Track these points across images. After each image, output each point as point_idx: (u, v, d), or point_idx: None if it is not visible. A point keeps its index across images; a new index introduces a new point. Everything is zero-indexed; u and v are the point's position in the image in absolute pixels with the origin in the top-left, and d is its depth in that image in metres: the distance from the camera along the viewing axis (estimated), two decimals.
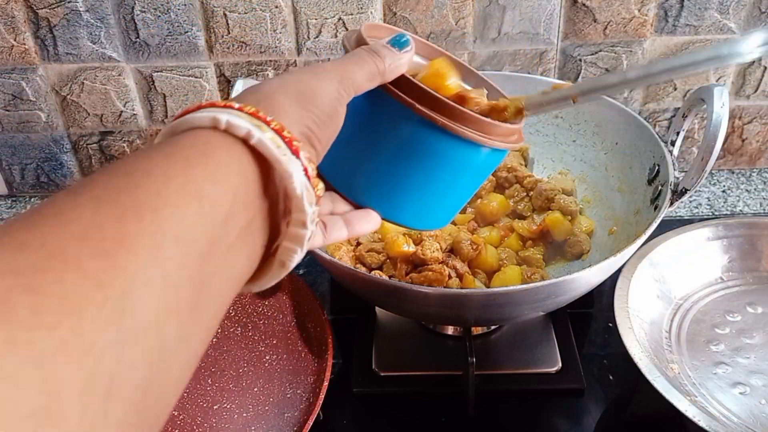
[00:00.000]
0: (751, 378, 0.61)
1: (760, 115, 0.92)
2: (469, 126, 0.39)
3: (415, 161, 0.40)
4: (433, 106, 0.39)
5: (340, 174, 0.42)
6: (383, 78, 0.39)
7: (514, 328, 0.72)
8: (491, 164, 0.43)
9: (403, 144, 0.40)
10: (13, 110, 0.92)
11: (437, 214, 0.45)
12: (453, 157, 0.41)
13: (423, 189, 0.42)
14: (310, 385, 0.65)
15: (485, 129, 0.40)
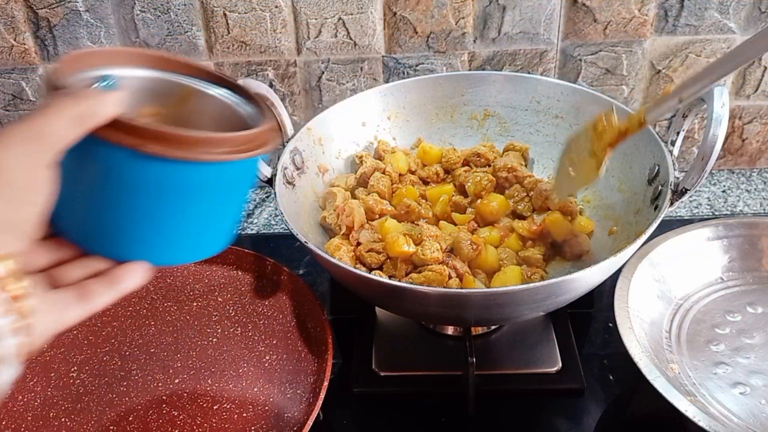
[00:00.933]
0: (751, 378, 0.61)
1: (760, 115, 0.92)
2: (198, 148, 0.36)
3: (160, 200, 0.38)
4: (151, 139, 0.35)
5: (86, 235, 0.39)
6: (89, 124, 0.34)
7: (514, 328, 0.72)
8: (243, 175, 0.41)
9: (138, 186, 0.37)
10: (13, 110, 0.92)
11: (210, 240, 0.42)
12: (195, 184, 0.38)
13: (179, 224, 0.39)
14: (310, 385, 0.65)
15: (217, 144, 0.37)
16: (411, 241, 0.67)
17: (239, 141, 0.39)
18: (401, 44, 0.87)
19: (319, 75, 0.89)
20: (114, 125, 0.35)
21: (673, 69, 0.88)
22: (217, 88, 0.46)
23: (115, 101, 0.35)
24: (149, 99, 0.44)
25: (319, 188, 0.77)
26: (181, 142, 0.36)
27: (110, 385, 0.66)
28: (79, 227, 0.39)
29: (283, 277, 0.76)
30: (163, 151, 0.35)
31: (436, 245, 0.66)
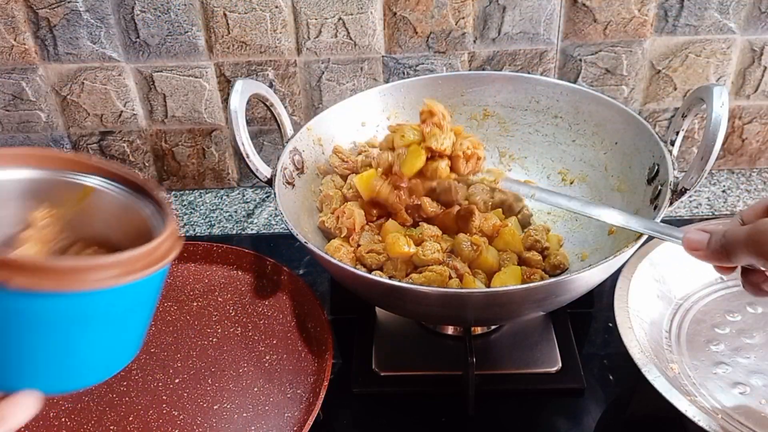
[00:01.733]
0: (751, 378, 0.61)
1: (760, 115, 0.92)
2: (75, 277, 0.33)
3: (48, 333, 0.35)
4: (21, 272, 0.32)
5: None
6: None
7: (514, 328, 0.72)
8: (141, 293, 0.38)
9: (12, 321, 0.34)
10: (13, 110, 0.92)
11: (111, 362, 0.40)
12: (84, 312, 0.35)
13: (77, 353, 0.36)
14: (310, 385, 0.65)
15: (99, 270, 0.34)
16: (411, 242, 0.67)
17: (131, 261, 0.35)
18: (401, 44, 0.87)
19: (319, 75, 0.89)
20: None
21: (673, 69, 0.88)
22: (115, 185, 0.43)
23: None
24: (42, 200, 0.42)
25: (319, 188, 0.77)
26: (51, 273, 0.33)
27: (110, 385, 0.66)
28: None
29: (283, 277, 0.76)
30: (35, 284, 0.32)
31: (436, 246, 0.66)
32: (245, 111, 0.68)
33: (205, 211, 0.96)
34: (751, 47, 0.86)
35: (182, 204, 0.98)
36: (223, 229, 0.93)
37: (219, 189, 1.00)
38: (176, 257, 0.38)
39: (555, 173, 0.81)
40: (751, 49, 0.87)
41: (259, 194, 0.99)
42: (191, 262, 0.80)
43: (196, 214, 0.96)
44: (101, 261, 0.34)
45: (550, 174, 0.81)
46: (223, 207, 0.97)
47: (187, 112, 0.92)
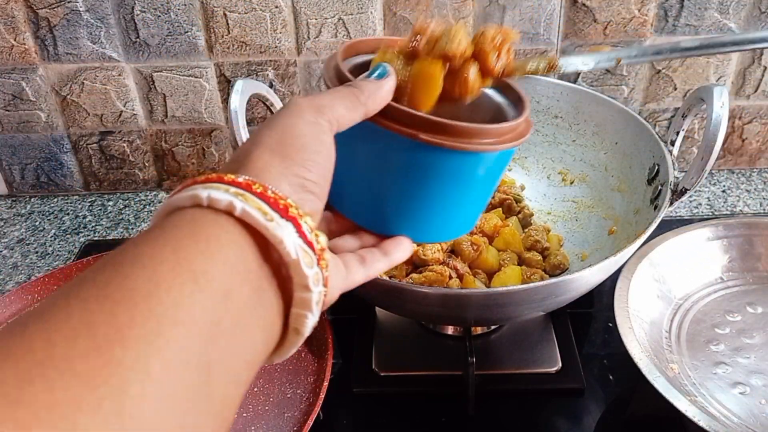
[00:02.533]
0: (751, 378, 0.61)
1: (760, 115, 0.92)
2: (469, 138, 0.39)
3: (428, 184, 0.40)
4: (427, 128, 0.38)
5: (359, 211, 0.42)
6: (366, 109, 0.37)
7: (514, 328, 0.72)
8: (502, 164, 0.43)
9: (409, 171, 0.40)
10: (13, 110, 0.92)
11: (463, 222, 0.45)
12: (462, 171, 0.40)
13: (443, 206, 0.42)
14: (310, 385, 0.65)
15: (486, 135, 0.39)
16: None
17: (501, 132, 0.40)
18: None
19: (319, 75, 0.89)
20: (387, 112, 0.38)
21: (673, 69, 0.88)
22: None
23: (387, 89, 0.38)
24: None
25: None
26: (451, 132, 0.38)
27: None
28: (350, 203, 0.42)
29: None
30: (435, 140, 0.37)
31: (436, 246, 0.66)
32: (245, 111, 0.68)
33: None
34: None
35: None
36: None
37: None
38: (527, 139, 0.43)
39: (555, 173, 0.81)
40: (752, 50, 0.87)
41: None
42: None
43: None
44: (485, 128, 0.39)
45: (551, 174, 0.81)
46: None
47: (187, 112, 0.92)
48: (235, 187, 0.30)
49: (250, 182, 0.30)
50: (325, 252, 0.32)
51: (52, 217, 0.97)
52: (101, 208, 0.98)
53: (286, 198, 0.31)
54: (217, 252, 0.28)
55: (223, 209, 0.29)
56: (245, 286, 0.28)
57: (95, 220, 0.96)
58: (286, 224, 0.30)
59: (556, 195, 0.80)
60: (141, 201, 0.99)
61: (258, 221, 0.29)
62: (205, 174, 0.31)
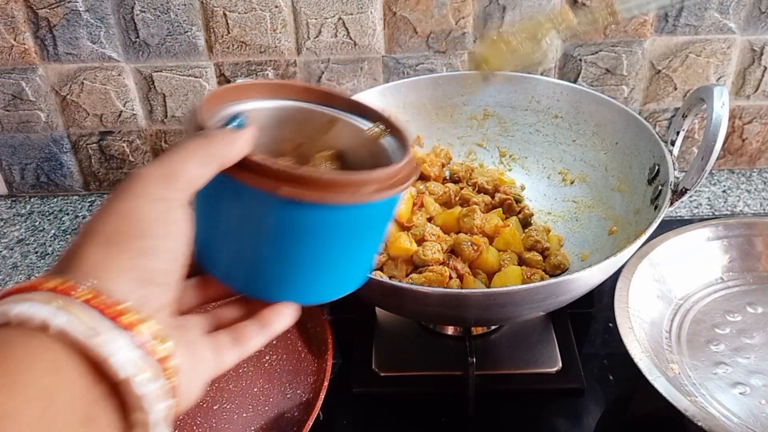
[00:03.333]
0: (751, 378, 0.61)
1: (760, 115, 0.92)
2: (335, 190, 0.34)
3: (300, 243, 0.36)
4: (288, 181, 0.34)
5: (232, 275, 0.38)
6: (220, 161, 0.33)
7: (514, 328, 0.72)
8: (383, 213, 0.39)
9: (278, 229, 0.36)
10: (13, 110, 0.92)
11: (352, 277, 0.42)
12: (334, 227, 0.37)
13: (322, 265, 0.38)
14: (310, 385, 0.65)
15: (356, 185, 0.35)
16: (413, 239, 0.67)
17: (380, 179, 0.36)
18: (401, 44, 0.87)
19: (319, 75, 0.89)
20: (249, 166, 0.34)
21: (673, 69, 0.88)
22: (359, 118, 0.44)
23: (244, 140, 0.34)
24: (289, 129, 0.43)
25: None
26: (316, 184, 0.34)
27: None
28: (222, 266, 0.38)
29: None
30: (299, 194, 0.34)
31: (437, 246, 0.66)
32: None
33: None
34: (751, 47, 0.86)
35: None
36: None
37: None
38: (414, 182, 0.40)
39: (555, 173, 0.81)
40: (751, 49, 0.87)
41: None
42: None
43: None
44: (361, 176, 0.35)
45: (551, 174, 0.81)
46: None
47: (187, 112, 0.92)
48: (57, 295, 0.26)
49: (72, 288, 0.26)
50: (170, 360, 0.28)
51: (52, 217, 0.97)
52: None
53: (119, 303, 0.27)
54: (29, 385, 0.24)
55: (36, 327, 0.25)
56: (71, 414, 0.25)
57: None
58: (117, 336, 0.26)
59: (556, 195, 0.80)
60: None
61: (77, 338, 0.25)
62: (32, 280, 0.27)
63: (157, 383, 0.27)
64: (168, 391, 0.28)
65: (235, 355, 0.36)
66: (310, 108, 0.44)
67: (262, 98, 0.42)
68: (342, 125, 0.44)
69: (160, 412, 0.27)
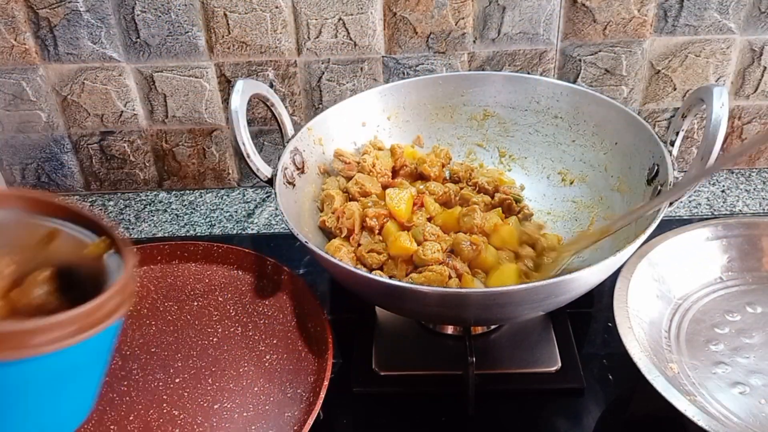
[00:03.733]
0: (750, 378, 0.61)
1: (759, 115, 0.92)
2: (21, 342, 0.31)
3: None
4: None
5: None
6: None
7: (514, 328, 0.72)
8: (92, 351, 0.35)
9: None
10: (13, 110, 0.92)
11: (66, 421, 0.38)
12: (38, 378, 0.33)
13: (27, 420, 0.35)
14: (310, 384, 0.65)
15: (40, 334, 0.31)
16: (413, 239, 0.67)
17: (73, 320, 0.32)
18: (401, 44, 0.87)
19: (319, 75, 0.89)
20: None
21: (673, 69, 0.88)
22: (84, 229, 0.41)
23: None
24: (6, 243, 0.40)
25: (320, 188, 0.77)
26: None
27: (111, 385, 0.66)
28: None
29: (283, 277, 0.76)
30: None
31: (437, 246, 0.66)
32: (246, 111, 0.68)
33: (205, 211, 0.96)
34: (751, 47, 0.87)
35: (183, 204, 0.98)
36: (223, 229, 0.93)
37: (219, 189, 1.00)
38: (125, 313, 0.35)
39: (555, 173, 0.81)
40: (751, 49, 0.87)
41: (260, 194, 0.99)
42: (192, 262, 0.80)
43: (197, 214, 0.96)
44: (41, 324, 0.31)
45: (550, 174, 0.81)
46: (224, 207, 0.97)
47: (187, 112, 0.92)
48: None
49: None
50: None
51: None
52: (102, 208, 0.98)
53: None
54: None
55: None
56: None
57: None
58: None
59: (555, 195, 0.80)
60: (141, 201, 0.99)
61: None
62: None
63: None
64: None
65: None
66: (25, 219, 0.40)
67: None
68: (64, 238, 0.40)
69: None
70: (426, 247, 0.66)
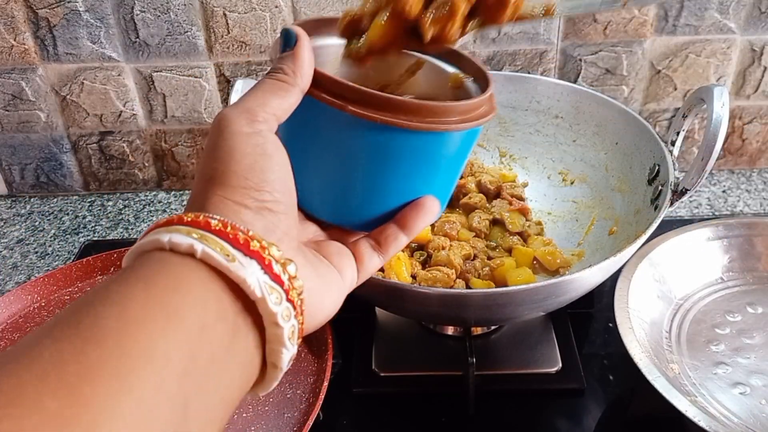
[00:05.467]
0: (751, 378, 0.61)
1: (760, 115, 0.92)
2: (426, 117, 0.36)
3: (396, 167, 0.38)
4: (383, 107, 0.35)
5: (336, 212, 0.40)
6: (301, 87, 0.35)
7: (514, 328, 0.72)
8: (468, 141, 0.41)
9: (372, 156, 0.37)
10: (12, 110, 0.92)
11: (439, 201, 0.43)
12: (426, 150, 0.38)
13: (414, 188, 0.40)
14: (310, 385, 0.65)
15: (440, 113, 0.36)
16: (417, 265, 0.67)
17: (464, 110, 0.38)
18: None
19: None
20: (339, 92, 0.35)
21: (673, 69, 0.88)
22: (444, 62, 0.45)
23: (304, 58, 0.35)
24: (374, 69, 0.43)
25: None
26: (405, 109, 0.35)
27: None
28: (309, 198, 0.39)
29: None
30: (388, 119, 0.35)
31: (463, 253, 0.67)
32: None
33: None
34: (751, 47, 0.87)
35: (182, 204, 0.98)
36: None
37: None
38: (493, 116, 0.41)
39: (555, 173, 0.81)
40: (751, 49, 0.87)
41: None
42: None
43: None
44: (449, 105, 0.36)
45: (551, 174, 0.81)
46: None
47: (186, 112, 0.92)
48: (195, 228, 0.29)
49: (209, 220, 0.29)
50: (296, 281, 0.31)
51: (52, 217, 0.97)
52: (101, 208, 0.98)
53: (247, 231, 0.30)
54: (188, 291, 0.27)
55: (185, 252, 0.28)
56: (219, 323, 0.28)
57: (95, 221, 0.96)
58: (249, 262, 0.29)
59: (556, 195, 0.80)
60: (141, 201, 0.99)
61: (219, 262, 0.28)
62: (168, 216, 0.31)
63: (284, 305, 0.30)
64: (293, 313, 0.31)
65: (377, 262, 0.39)
66: None
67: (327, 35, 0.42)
68: (427, 68, 0.45)
69: (291, 328, 0.30)
70: (453, 248, 0.67)
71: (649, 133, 0.69)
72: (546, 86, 0.80)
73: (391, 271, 0.65)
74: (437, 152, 0.39)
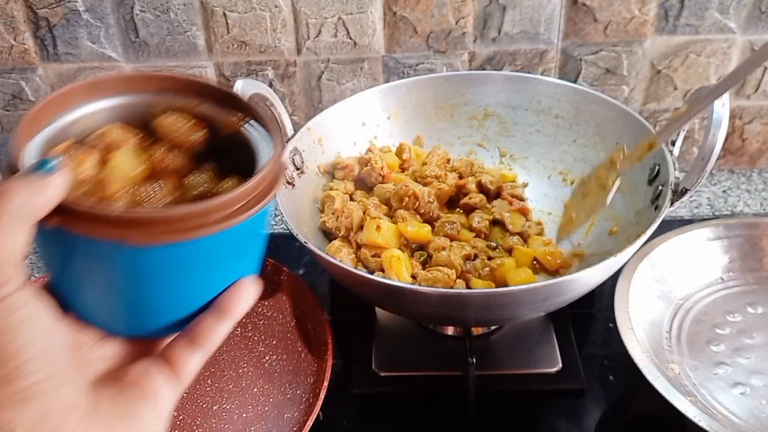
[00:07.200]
0: (751, 378, 0.61)
1: (760, 115, 0.92)
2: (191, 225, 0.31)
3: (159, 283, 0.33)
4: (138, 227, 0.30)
5: (132, 326, 0.35)
6: (32, 220, 0.28)
7: (514, 329, 0.72)
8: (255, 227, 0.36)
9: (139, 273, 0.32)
10: (12, 110, 0.92)
11: None
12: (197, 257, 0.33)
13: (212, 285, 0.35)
14: (309, 385, 0.65)
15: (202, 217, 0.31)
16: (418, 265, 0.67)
17: (231, 203, 0.32)
18: (401, 44, 0.87)
19: (318, 75, 0.89)
20: (82, 215, 0.30)
21: (674, 69, 0.88)
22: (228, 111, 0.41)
23: (55, 191, 0.29)
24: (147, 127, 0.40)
25: (320, 188, 0.77)
26: (162, 223, 0.31)
27: None
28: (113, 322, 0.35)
29: (283, 278, 0.76)
30: (148, 239, 0.31)
31: (463, 253, 0.67)
32: None
33: None
34: (752, 47, 0.86)
35: None
36: None
37: None
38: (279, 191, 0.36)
39: (556, 173, 0.81)
40: (752, 49, 0.87)
41: None
42: None
43: None
44: (202, 207, 0.31)
45: (551, 174, 0.81)
46: None
47: None
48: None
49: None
50: None
51: None
52: None
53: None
54: None
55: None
56: None
57: None
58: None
59: (556, 195, 0.80)
60: None
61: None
62: None
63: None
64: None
65: (198, 358, 0.34)
66: (170, 100, 0.40)
67: (115, 95, 0.38)
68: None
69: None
70: (454, 248, 0.67)
71: (650, 133, 0.69)
72: (546, 86, 0.80)
73: (391, 271, 0.65)
74: (212, 254, 0.33)
